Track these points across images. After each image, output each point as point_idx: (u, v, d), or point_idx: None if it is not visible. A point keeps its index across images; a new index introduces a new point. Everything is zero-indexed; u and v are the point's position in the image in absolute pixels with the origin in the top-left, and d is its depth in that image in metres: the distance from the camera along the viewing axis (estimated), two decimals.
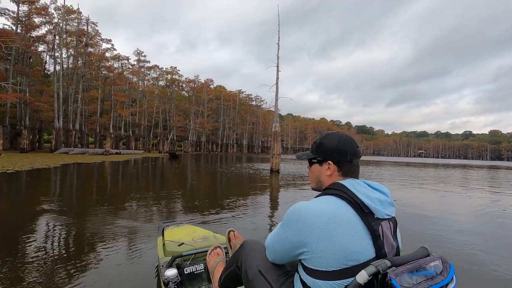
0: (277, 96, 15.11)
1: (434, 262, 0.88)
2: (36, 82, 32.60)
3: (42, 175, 10.03)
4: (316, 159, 1.13)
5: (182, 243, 2.15)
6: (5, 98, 22.93)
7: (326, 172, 1.09)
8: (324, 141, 1.11)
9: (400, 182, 11.96)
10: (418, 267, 0.84)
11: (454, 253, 3.31)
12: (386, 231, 0.94)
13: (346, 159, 1.06)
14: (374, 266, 0.81)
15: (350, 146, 1.07)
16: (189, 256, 1.97)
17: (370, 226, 0.91)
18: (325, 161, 1.09)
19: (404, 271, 0.81)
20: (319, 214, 0.91)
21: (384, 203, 0.97)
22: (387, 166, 26.64)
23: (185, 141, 56.86)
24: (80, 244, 3.26)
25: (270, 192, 8.08)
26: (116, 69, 46.11)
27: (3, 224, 4.05)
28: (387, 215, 0.96)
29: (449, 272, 0.88)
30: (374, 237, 0.90)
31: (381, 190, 1.01)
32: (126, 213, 4.74)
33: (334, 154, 1.07)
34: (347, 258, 0.87)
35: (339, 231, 0.88)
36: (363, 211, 0.92)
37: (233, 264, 1.29)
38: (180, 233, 2.39)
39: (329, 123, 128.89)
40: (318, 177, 1.12)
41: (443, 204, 6.92)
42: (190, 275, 1.89)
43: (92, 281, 2.30)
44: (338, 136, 1.11)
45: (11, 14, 28.89)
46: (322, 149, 1.11)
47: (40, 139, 35.67)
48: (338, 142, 1.08)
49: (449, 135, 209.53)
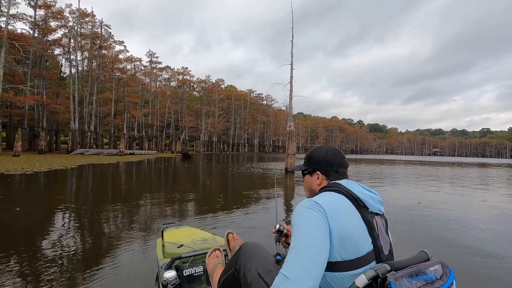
0: (292, 94, 14.84)
1: (434, 266, 0.89)
2: (52, 84, 33.37)
3: (60, 176, 10.13)
4: (307, 170, 1.23)
5: (182, 245, 2.13)
6: (23, 100, 23.50)
7: (316, 182, 1.18)
8: (313, 154, 1.22)
9: (426, 182, 11.51)
10: (417, 271, 0.85)
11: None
12: (380, 225, 0.99)
13: (332, 169, 1.16)
14: (373, 270, 0.82)
15: (337, 158, 1.18)
16: (188, 258, 1.96)
17: (365, 218, 0.97)
18: (314, 171, 1.19)
19: (404, 275, 0.82)
20: (330, 204, 0.95)
21: (375, 200, 1.04)
22: (408, 166, 25.90)
23: (197, 141, 57.20)
24: (88, 243, 3.38)
25: (284, 191, 7.87)
26: (129, 71, 46.75)
27: (25, 221, 4.11)
28: (379, 210, 1.03)
29: (449, 277, 0.88)
30: (370, 229, 0.96)
31: (372, 191, 1.08)
32: (140, 213, 4.64)
33: (321, 165, 1.18)
34: (354, 248, 0.90)
35: (348, 221, 0.93)
36: (359, 204, 0.99)
37: (232, 267, 1.29)
38: (179, 235, 2.39)
39: (340, 122, 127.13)
40: (310, 186, 1.21)
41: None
42: (189, 277, 1.88)
43: (92, 281, 2.37)
44: (325, 148, 1.22)
45: (29, 19, 29.65)
46: (312, 161, 1.22)
47: (57, 140, 36.55)
48: (325, 154, 1.19)
49: (465, 132, 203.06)
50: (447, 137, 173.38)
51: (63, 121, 35.20)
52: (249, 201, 6.29)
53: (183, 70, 58.77)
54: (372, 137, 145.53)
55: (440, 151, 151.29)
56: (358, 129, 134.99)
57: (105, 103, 40.01)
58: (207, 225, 4.18)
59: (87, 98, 34.52)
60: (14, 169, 11.24)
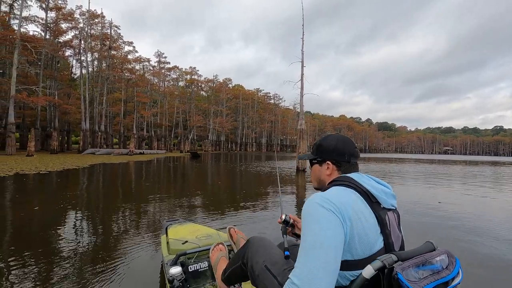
0: (302, 92, 14.64)
1: (440, 256, 0.89)
2: (63, 85, 33.91)
3: (73, 176, 10.21)
4: (316, 159, 1.17)
5: (186, 241, 2.16)
6: (36, 101, 23.91)
7: (325, 172, 1.12)
8: (323, 143, 1.15)
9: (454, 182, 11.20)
10: (424, 261, 0.85)
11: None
12: (392, 221, 0.96)
13: (344, 159, 1.10)
14: (380, 261, 0.82)
15: (348, 147, 1.11)
16: (193, 254, 1.98)
17: (378, 214, 0.93)
18: (324, 161, 1.13)
19: (410, 265, 0.82)
20: (344, 202, 0.90)
21: (388, 194, 1.00)
22: (423, 164, 25.39)
23: (205, 141, 57.39)
24: (99, 239, 3.44)
25: (297, 191, 7.73)
26: (137, 71, 47.20)
27: (43, 218, 4.13)
28: (392, 205, 1.00)
29: (455, 267, 0.89)
30: (382, 226, 0.93)
31: (384, 184, 1.04)
32: (151, 210, 4.57)
33: (332, 154, 1.11)
34: (366, 247, 0.88)
35: (361, 220, 0.89)
36: (371, 200, 0.95)
37: (239, 260, 1.29)
38: (183, 231, 2.42)
39: (348, 120, 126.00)
40: (319, 176, 1.15)
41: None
42: (194, 272, 1.91)
43: (96, 276, 2.40)
44: (336, 137, 1.14)
45: (40, 21, 30.21)
46: (321, 150, 1.14)
47: (69, 140, 37.15)
48: (336, 143, 1.11)
49: (477, 130, 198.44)
50: (458, 135, 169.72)
51: (74, 122, 35.76)
52: (258, 198, 6.19)
53: (191, 70, 59.06)
54: (381, 136, 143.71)
55: (451, 150, 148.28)
56: (366, 127, 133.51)
57: (115, 103, 40.48)
58: (217, 222, 4.09)
59: (97, 99, 34.99)
60: (28, 169, 11.39)
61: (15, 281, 2.30)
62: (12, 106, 21.69)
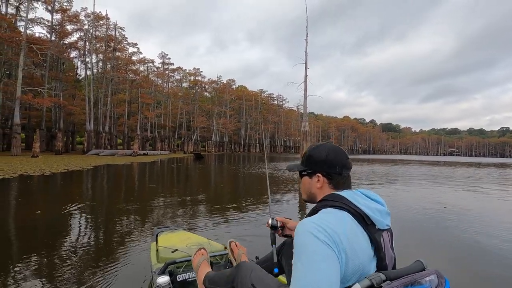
0: (306, 94, 14.55)
1: (429, 276, 0.86)
2: (68, 86, 34.18)
3: (77, 178, 10.24)
4: (305, 171, 1.10)
5: (176, 250, 2.10)
6: (42, 102, 24.11)
7: (316, 185, 1.06)
8: (313, 153, 1.08)
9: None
10: (413, 281, 0.83)
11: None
12: (387, 242, 0.94)
13: (335, 171, 1.04)
14: (368, 279, 0.80)
15: (340, 158, 1.05)
16: (182, 263, 1.93)
17: (373, 237, 0.90)
18: (315, 173, 1.06)
19: (399, 285, 0.80)
20: (339, 232, 0.84)
21: (383, 213, 0.96)
22: (432, 166, 25.13)
23: (208, 142, 57.47)
24: (99, 240, 3.47)
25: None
26: (142, 72, 47.42)
27: (45, 222, 4.09)
28: (387, 225, 0.96)
29: (444, 287, 0.87)
30: (377, 249, 0.90)
31: (378, 201, 0.99)
32: (153, 215, 4.53)
33: (323, 166, 1.05)
34: (358, 273, 0.85)
35: (356, 248, 0.85)
36: (366, 223, 0.90)
37: (228, 284, 1.28)
38: (174, 239, 2.35)
39: (352, 121, 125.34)
40: (309, 189, 1.09)
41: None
42: (182, 282, 1.85)
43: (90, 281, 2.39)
44: (327, 147, 1.08)
45: (46, 23, 30.49)
46: (311, 161, 1.08)
47: (73, 141, 37.41)
48: (327, 154, 1.05)
49: (483, 132, 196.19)
50: (463, 136, 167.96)
51: (78, 122, 36.02)
52: (260, 201, 6.13)
53: (194, 71, 59.22)
54: (385, 137, 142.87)
55: (456, 151, 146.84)
56: (370, 128, 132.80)
57: (119, 105, 40.69)
58: (220, 226, 4.03)
59: (101, 100, 35.20)
60: (33, 170, 11.45)
61: (20, 280, 2.27)
62: (18, 107, 21.89)
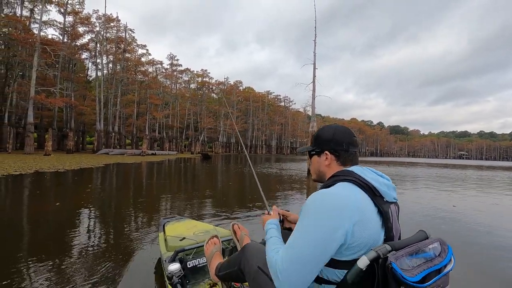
0: (314, 94, 14.63)
1: (432, 244, 0.91)
2: (79, 87, 34.86)
3: (90, 174, 10.51)
4: (314, 150, 1.16)
5: (184, 238, 2.16)
6: (54, 102, 24.70)
7: (324, 163, 1.11)
8: (321, 133, 1.15)
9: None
10: (417, 250, 0.87)
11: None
12: (394, 214, 0.97)
13: (342, 148, 1.08)
14: (374, 251, 0.83)
15: (346, 136, 1.10)
16: (191, 250, 1.99)
17: (382, 209, 0.93)
18: (323, 151, 1.12)
19: (404, 254, 0.83)
20: (349, 205, 0.88)
21: (389, 187, 1.00)
22: (442, 169, 24.85)
23: (215, 142, 57.78)
24: (110, 234, 3.53)
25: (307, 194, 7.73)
26: (150, 73, 48.06)
27: (64, 213, 4.24)
28: (394, 198, 1.00)
29: (447, 254, 0.90)
30: (385, 220, 0.93)
31: (384, 176, 1.04)
32: (164, 207, 4.68)
33: (330, 144, 1.10)
34: (369, 245, 0.88)
35: (366, 220, 0.88)
36: (375, 194, 0.94)
37: (236, 266, 1.30)
38: (181, 228, 2.41)
39: (359, 123, 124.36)
40: (318, 168, 1.14)
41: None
42: (193, 268, 1.92)
43: (97, 274, 2.40)
44: (334, 127, 1.14)
45: (58, 25, 31.25)
46: (319, 141, 1.14)
47: (83, 141, 38.09)
48: (334, 133, 1.11)
49: (494, 135, 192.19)
50: (473, 139, 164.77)
51: (89, 122, 36.67)
52: (268, 200, 6.24)
53: (202, 72, 59.70)
54: (393, 139, 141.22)
55: (466, 154, 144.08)
56: (378, 131, 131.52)
57: (128, 105, 41.28)
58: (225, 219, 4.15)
59: (111, 100, 35.78)
60: (47, 167, 11.78)
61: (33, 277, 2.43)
62: (31, 107, 22.45)
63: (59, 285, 2.19)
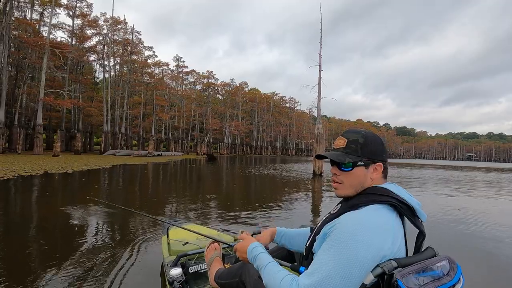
0: (320, 96, 14.61)
1: (441, 262, 0.88)
2: (87, 89, 35.39)
3: (97, 175, 10.64)
4: (362, 161, 0.99)
5: (187, 242, 2.15)
6: (62, 104, 25.10)
7: (372, 175, 0.99)
8: (368, 141, 1.00)
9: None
10: (424, 267, 0.84)
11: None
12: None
13: (387, 159, 1.03)
14: (380, 267, 0.81)
15: (385, 146, 1.05)
16: (194, 255, 1.97)
17: (420, 230, 0.93)
18: (373, 163, 0.99)
19: (411, 272, 0.81)
20: (390, 233, 0.86)
21: (420, 206, 0.97)
22: (453, 171, 24.53)
23: (221, 143, 57.99)
24: (116, 233, 3.56)
25: (313, 196, 7.72)
26: (156, 75, 48.51)
27: (73, 210, 4.26)
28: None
29: (456, 273, 0.87)
30: (421, 239, 0.95)
31: (411, 194, 1.00)
32: (170, 208, 4.73)
33: (383, 155, 1.01)
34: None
35: (398, 244, 0.87)
36: (414, 215, 0.93)
37: (237, 277, 1.29)
38: (184, 232, 2.35)
39: (365, 124, 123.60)
40: (362, 182, 0.99)
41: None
42: (195, 274, 1.90)
43: (95, 277, 2.40)
44: (372, 134, 1.03)
45: (67, 28, 31.79)
46: (369, 150, 0.99)
47: (91, 142, 38.63)
48: (381, 141, 1.03)
49: (503, 136, 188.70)
50: (482, 141, 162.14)
51: (96, 124, 37.18)
52: (272, 200, 6.24)
53: (208, 73, 60.04)
54: (399, 141, 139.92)
55: (474, 156, 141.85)
56: (384, 132, 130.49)
57: (134, 106, 41.74)
58: (231, 224, 4.17)
59: (118, 102, 36.21)
60: (56, 168, 11.97)
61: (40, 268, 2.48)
62: (41, 109, 22.85)
63: (59, 286, 2.23)
